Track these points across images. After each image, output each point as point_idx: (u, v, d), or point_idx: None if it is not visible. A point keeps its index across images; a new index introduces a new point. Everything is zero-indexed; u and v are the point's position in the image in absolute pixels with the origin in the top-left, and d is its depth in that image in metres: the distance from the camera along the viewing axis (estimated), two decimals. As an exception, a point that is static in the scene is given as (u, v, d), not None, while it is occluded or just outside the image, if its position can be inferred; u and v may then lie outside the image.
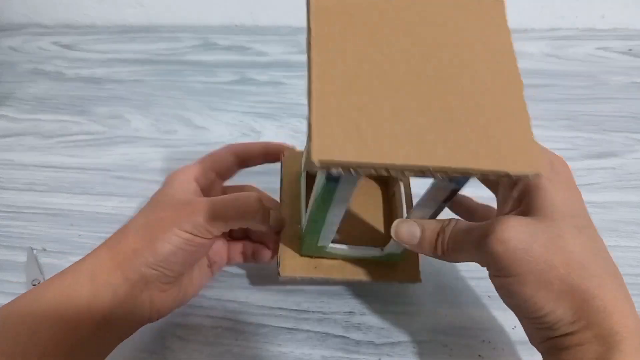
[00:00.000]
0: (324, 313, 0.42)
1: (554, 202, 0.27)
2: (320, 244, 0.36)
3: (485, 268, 0.29)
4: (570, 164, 0.54)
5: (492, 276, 0.29)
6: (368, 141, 0.22)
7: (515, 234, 0.26)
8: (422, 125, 0.23)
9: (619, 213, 0.49)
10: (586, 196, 0.51)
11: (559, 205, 0.27)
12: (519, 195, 0.29)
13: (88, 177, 0.58)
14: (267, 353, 0.39)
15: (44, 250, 0.49)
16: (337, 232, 0.34)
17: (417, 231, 0.31)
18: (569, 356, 0.26)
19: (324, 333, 0.40)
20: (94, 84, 0.76)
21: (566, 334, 0.26)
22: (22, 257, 0.49)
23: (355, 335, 0.40)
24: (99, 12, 0.94)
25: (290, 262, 0.37)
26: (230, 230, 0.42)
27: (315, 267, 0.38)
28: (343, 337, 0.40)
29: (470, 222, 0.30)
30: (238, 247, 0.42)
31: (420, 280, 0.38)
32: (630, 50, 0.74)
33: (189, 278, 0.38)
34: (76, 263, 0.33)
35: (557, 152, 0.56)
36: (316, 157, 0.21)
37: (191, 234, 0.33)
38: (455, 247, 0.29)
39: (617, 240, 0.46)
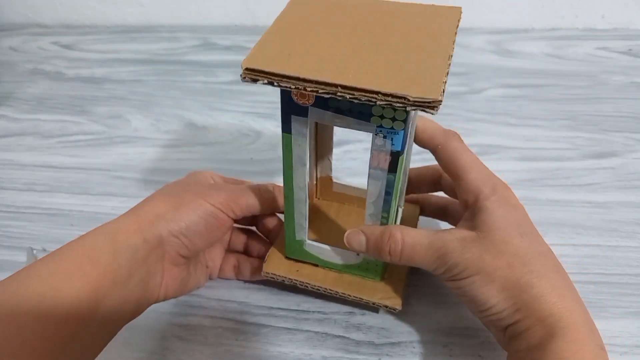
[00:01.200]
0: (324, 313, 0.42)
1: (496, 217, 0.32)
2: (297, 236, 0.38)
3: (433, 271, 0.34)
4: (570, 164, 0.54)
5: (447, 279, 0.34)
6: (292, 62, 0.27)
7: (469, 249, 0.32)
8: (344, 59, 0.27)
9: (619, 213, 0.49)
10: (586, 196, 0.51)
11: (500, 219, 0.32)
12: (470, 215, 0.34)
13: (88, 177, 0.58)
14: (267, 353, 0.39)
15: (44, 250, 0.49)
16: (315, 229, 0.40)
17: (362, 239, 0.35)
18: (521, 340, 0.30)
19: (324, 333, 0.40)
20: (94, 84, 0.76)
21: (515, 322, 0.31)
22: (22, 257, 0.49)
23: (355, 336, 0.40)
24: (99, 12, 0.94)
25: (276, 261, 0.41)
26: (229, 240, 0.44)
27: (297, 271, 0.40)
28: (343, 337, 0.40)
29: (422, 233, 0.34)
30: (232, 260, 0.43)
31: (398, 308, 0.38)
32: (630, 50, 0.74)
33: (194, 267, 0.40)
34: (99, 226, 0.34)
35: (557, 152, 0.56)
36: (244, 65, 0.27)
37: (216, 207, 0.36)
38: (412, 257, 0.34)
39: (617, 240, 0.46)
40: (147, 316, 0.42)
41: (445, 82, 0.27)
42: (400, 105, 0.26)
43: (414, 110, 0.26)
